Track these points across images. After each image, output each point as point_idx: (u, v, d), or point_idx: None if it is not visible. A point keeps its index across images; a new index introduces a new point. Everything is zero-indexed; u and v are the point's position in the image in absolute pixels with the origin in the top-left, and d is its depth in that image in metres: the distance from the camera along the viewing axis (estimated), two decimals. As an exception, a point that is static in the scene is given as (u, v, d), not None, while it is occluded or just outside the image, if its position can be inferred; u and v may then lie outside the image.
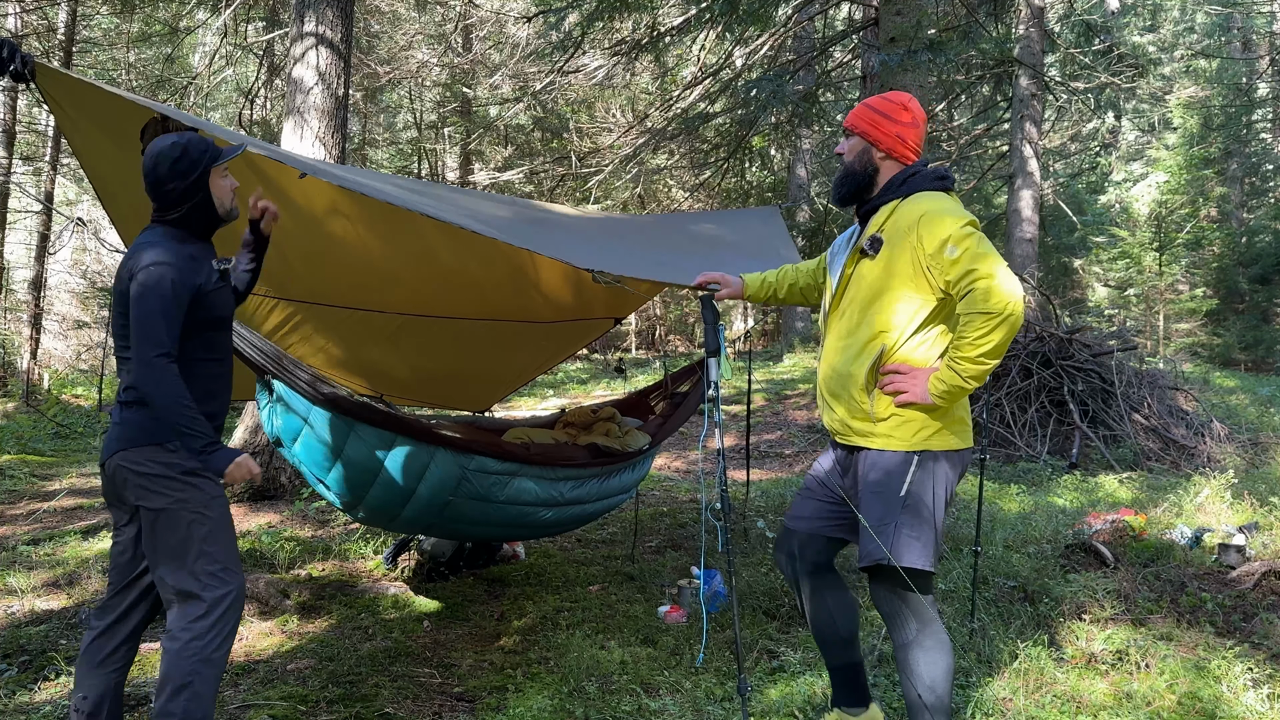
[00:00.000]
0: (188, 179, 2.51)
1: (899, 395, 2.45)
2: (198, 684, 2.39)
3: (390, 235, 4.44)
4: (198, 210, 2.57)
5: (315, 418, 3.49)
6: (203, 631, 2.42)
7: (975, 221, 2.42)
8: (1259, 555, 4.36)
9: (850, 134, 2.64)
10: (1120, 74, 13.23)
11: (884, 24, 6.74)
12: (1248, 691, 3.06)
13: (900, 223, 2.48)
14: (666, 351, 22.55)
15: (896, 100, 2.61)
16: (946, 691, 2.48)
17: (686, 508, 6.83)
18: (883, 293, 2.49)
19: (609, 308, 5.81)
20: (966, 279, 2.34)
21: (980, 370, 2.35)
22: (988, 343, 2.31)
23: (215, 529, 2.50)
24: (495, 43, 17.98)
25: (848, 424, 2.56)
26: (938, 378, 2.40)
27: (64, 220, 16.44)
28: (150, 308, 2.41)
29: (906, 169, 2.58)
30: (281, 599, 4.33)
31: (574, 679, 3.37)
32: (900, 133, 2.57)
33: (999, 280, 2.31)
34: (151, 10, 13.56)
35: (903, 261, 2.46)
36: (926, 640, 2.48)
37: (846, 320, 2.58)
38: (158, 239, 2.52)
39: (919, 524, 2.44)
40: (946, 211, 2.43)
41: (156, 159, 2.51)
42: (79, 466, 8.41)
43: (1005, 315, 2.29)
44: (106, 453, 2.53)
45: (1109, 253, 19.22)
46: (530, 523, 4.16)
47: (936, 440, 2.47)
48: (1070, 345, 9.27)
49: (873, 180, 2.60)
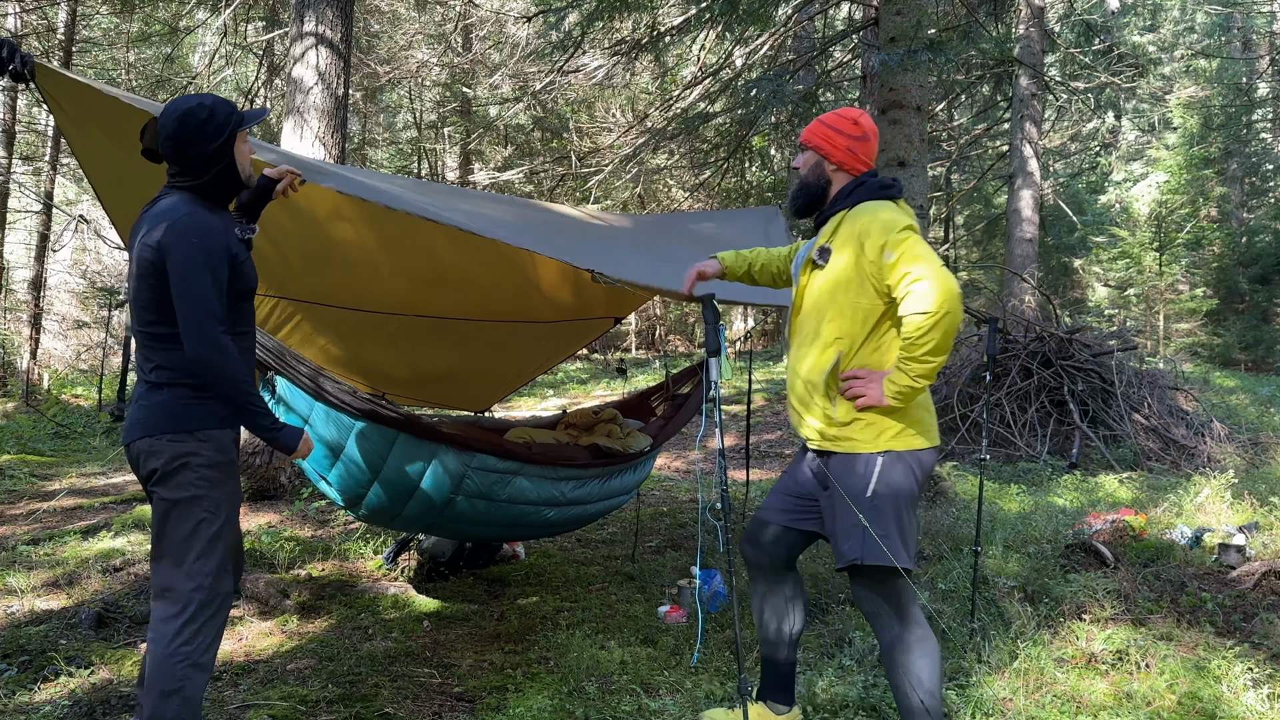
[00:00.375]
0: (216, 141, 2.39)
1: (858, 400, 2.55)
2: (188, 689, 2.33)
3: (390, 235, 4.44)
4: (223, 176, 2.44)
5: (317, 415, 3.50)
6: (191, 635, 2.34)
7: (913, 226, 2.53)
8: (1259, 555, 4.36)
9: (805, 148, 2.77)
10: (1120, 74, 13.23)
11: (884, 24, 6.73)
12: (1248, 691, 3.06)
13: (846, 232, 2.61)
14: (666, 351, 22.55)
15: (848, 116, 2.74)
16: (936, 686, 2.53)
17: (686, 508, 6.83)
18: (834, 301, 2.60)
19: (609, 308, 5.81)
20: (904, 281, 2.43)
21: (927, 369, 2.44)
22: (929, 341, 2.40)
23: (222, 529, 2.42)
24: (495, 42, 17.97)
25: (813, 428, 2.65)
26: (890, 380, 2.50)
27: (64, 220, 16.45)
28: (201, 281, 2.28)
29: (854, 180, 2.70)
30: (281, 599, 4.33)
31: (574, 679, 3.37)
32: (851, 146, 2.69)
33: (935, 280, 2.39)
34: (151, 10, 13.55)
35: (851, 269, 2.57)
36: (909, 638, 2.56)
37: (806, 329, 2.69)
38: (183, 206, 2.37)
39: (887, 523, 2.51)
40: (886, 218, 2.54)
41: (183, 119, 2.36)
42: (79, 466, 8.41)
43: (943, 314, 2.38)
44: (129, 436, 2.41)
45: (1109, 253, 19.21)
46: (531, 522, 4.16)
47: (900, 441, 2.55)
48: (1070, 345, 9.27)
49: (826, 192, 2.74)
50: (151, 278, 2.35)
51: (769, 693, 2.90)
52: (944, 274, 2.42)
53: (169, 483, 2.38)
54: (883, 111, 6.73)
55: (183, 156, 2.39)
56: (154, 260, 2.33)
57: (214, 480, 2.41)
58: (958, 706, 3.05)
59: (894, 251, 2.46)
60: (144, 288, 2.37)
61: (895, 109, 6.61)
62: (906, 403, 2.54)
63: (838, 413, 2.58)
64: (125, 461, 8.71)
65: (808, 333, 2.68)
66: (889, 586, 2.57)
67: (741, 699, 2.65)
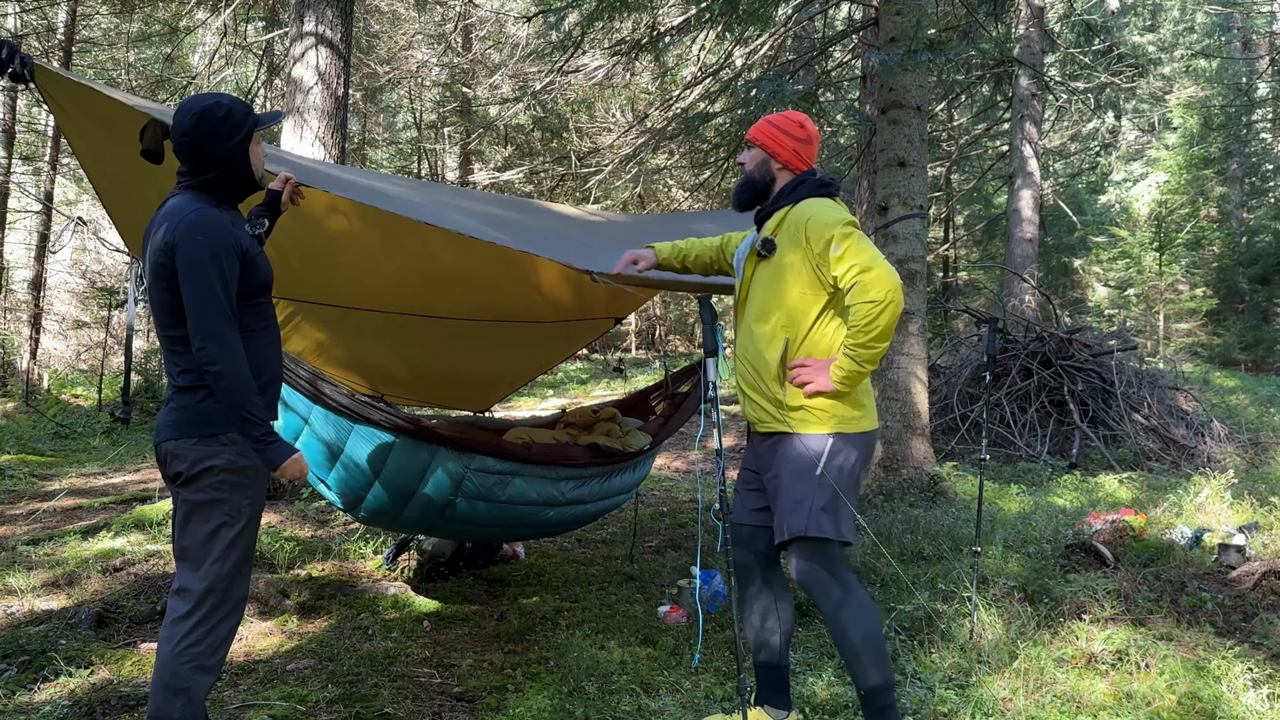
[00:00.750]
0: (232, 139, 2.37)
1: (806, 386, 2.70)
2: (194, 690, 2.34)
3: (390, 235, 4.44)
4: (236, 175, 2.42)
5: (316, 417, 3.49)
6: (200, 637, 2.35)
7: (855, 222, 2.71)
8: (1259, 555, 4.36)
9: (752, 145, 2.91)
10: (1120, 74, 13.23)
11: (884, 24, 6.73)
12: (1248, 691, 3.06)
13: (790, 226, 2.76)
14: (666, 351, 22.55)
15: (795, 119, 2.89)
16: (880, 639, 2.70)
17: (686, 508, 6.83)
18: (780, 291, 2.76)
19: (609, 308, 5.81)
20: (850, 273, 2.60)
21: (873, 354, 2.61)
22: (875, 328, 2.58)
23: (242, 535, 2.41)
24: (495, 43, 17.97)
25: (767, 411, 2.78)
26: (837, 366, 2.66)
27: (64, 220, 16.45)
28: (207, 276, 2.26)
29: (796, 177, 2.85)
30: (281, 599, 4.33)
31: (574, 679, 3.37)
32: (797, 147, 2.84)
33: (879, 271, 2.58)
34: (151, 10, 13.55)
35: (795, 261, 2.73)
36: (851, 602, 2.71)
37: (751, 317, 2.83)
38: (191, 204, 2.35)
39: (834, 500, 2.68)
40: (830, 214, 2.70)
41: (200, 116, 2.34)
42: (79, 466, 8.41)
43: (887, 302, 2.57)
44: (158, 437, 2.41)
45: (1109, 253, 19.22)
46: (531, 522, 4.16)
47: (847, 424, 2.72)
48: (1070, 345, 9.27)
49: (769, 188, 2.89)
50: (165, 280, 2.32)
51: (766, 696, 2.92)
52: (888, 266, 2.61)
53: (192, 485, 2.38)
54: (883, 111, 6.73)
55: (198, 153, 2.37)
56: (165, 263, 2.31)
57: (236, 484, 2.40)
58: (958, 706, 3.05)
59: (840, 245, 2.63)
60: (159, 291, 2.35)
61: (895, 109, 6.61)
62: (852, 387, 2.69)
63: (787, 398, 2.73)
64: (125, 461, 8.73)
65: (754, 320, 2.81)
66: (829, 558, 2.73)
67: (741, 699, 2.65)
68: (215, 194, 2.43)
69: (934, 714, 3.03)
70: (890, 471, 6.52)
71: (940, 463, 7.37)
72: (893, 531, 5.15)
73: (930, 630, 3.64)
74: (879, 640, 2.69)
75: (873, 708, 2.67)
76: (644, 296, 6.12)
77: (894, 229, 6.52)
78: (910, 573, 4.40)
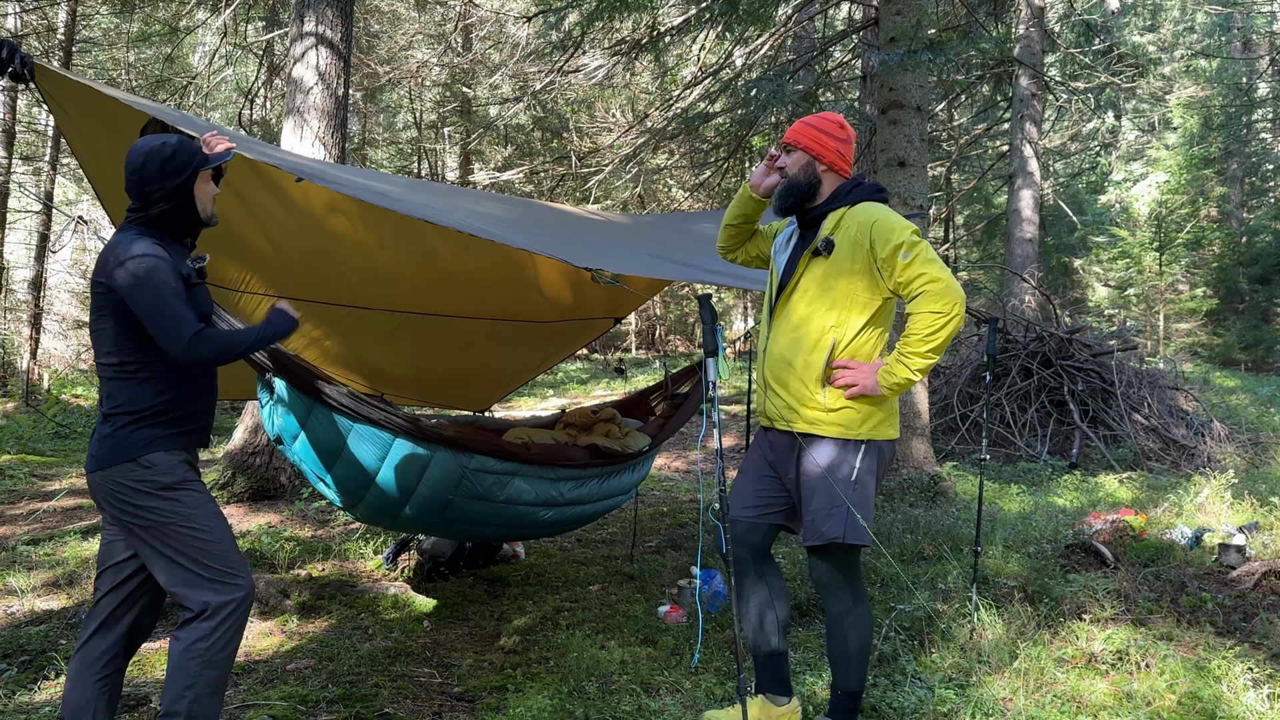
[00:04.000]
0: (176, 179, 2.47)
1: (851, 388, 2.68)
2: (201, 686, 2.38)
3: (390, 234, 4.44)
4: (179, 211, 2.52)
5: (315, 416, 3.49)
6: (207, 633, 2.39)
7: (919, 230, 2.71)
8: (1259, 555, 4.36)
9: (792, 149, 2.85)
10: (1120, 74, 13.23)
11: (884, 24, 6.73)
12: (1248, 691, 3.06)
13: (851, 227, 2.72)
14: (666, 351, 22.56)
15: (834, 119, 2.87)
16: (869, 651, 2.84)
17: (686, 508, 6.83)
18: (833, 290, 2.72)
19: (609, 308, 5.81)
20: (919, 281, 2.60)
21: (927, 364, 2.63)
22: (937, 339, 2.59)
23: (209, 537, 2.45)
24: (495, 42, 17.96)
25: (795, 410, 2.75)
26: (887, 370, 2.65)
27: (64, 220, 16.45)
28: (159, 294, 2.36)
29: (849, 180, 2.84)
30: (281, 599, 4.33)
31: (574, 679, 3.37)
32: (840, 148, 2.83)
33: (948, 284, 2.60)
34: (151, 10, 13.54)
35: (854, 263, 2.69)
36: (858, 612, 2.79)
37: (796, 313, 2.78)
38: (135, 238, 2.45)
39: (864, 505, 2.70)
40: (896, 221, 2.69)
41: (146, 156, 2.46)
42: (79, 466, 8.41)
43: (953, 315, 2.59)
44: (89, 466, 2.49)
45: (1109, 253, 19.22)
46: (530, 523, 4.16)
47: (879, 430, 2.73)
48: (1070, 345, 9.27)
49: (816, 191, 2.83)
50: (100, 309, 2.44)
51: (767, 685, 2.95)
52: (955, 280, 2.62)
53: (135, 513, 2.43)
54: (883, 111, 6.73)
55: (141, 191, 2.48)
56: (102, 293, 2.43)
57: (174, 498, 2.44)
58: (958, 706, 3.05)
59: (910, 253, 2.61)
60: (97, 318, 2.47)
61: (895, 109, 6.61)
62: (897, 394, 2.70)
63: (828, 399, 2.70)
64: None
65: (799, 317, 2.77)
66: (850, 565, 2.78)
67: (741, 699, 2.65)
68: (159, 227, 2.52)
69: (934, 714, 3.03)
70: (890, 471, 6.52)
71: (940, 463, 7.37)
72: (893, 531, 5.15)
73: (930, 630, 3.64)
74: (868, 652, 2.83)
75: (842, 709, 2.81)
76: (644, 297, 6.12)
77: (894, 229, 6.51)
78: (910, 573, 4.40)
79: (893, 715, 3.01)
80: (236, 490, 6.32)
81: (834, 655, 2.81)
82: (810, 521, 2.73)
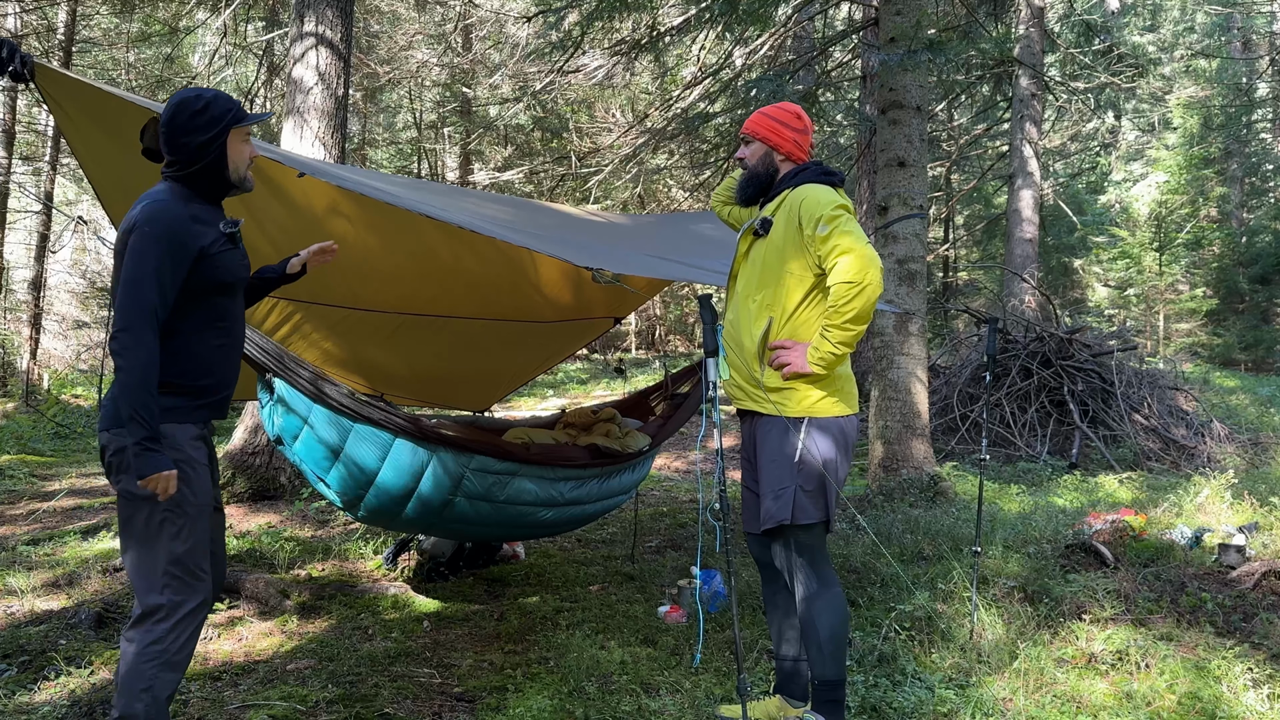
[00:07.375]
0: (206, 134, 2.37)
1: (784, 368, 2.72)
2: (158, 688, 2.31)
3: (390, 235, 4.44)
4: (210, 170, 2.41)
5: (316, 417, 3.49)
6: (163, 634, 2.31)
7: (848, 206, 2.72)
8: (1259, 555, 4.36)
9: (751, 140, 2.92)
10: (1120, 74, 13.23)
11: (884, 24, 6.73)
12: (1248, 691, 3.06)
13: (787, 207, 2.78)
14: (666, 351, 22.55)
15: (791, 109, 2.92)
16: (844, 637, 2.77)
17: (686, 508, 6.83)
18: (771, 269, 2.78)
19: (609, 308, 5.81)
20: (834, 253, 2.63)
21: (849, 336, 2.63)
22: (851, 310, 2.60)
23: (185, 528, 2.36)
24: (495, 43, 17.96)
25: (744, 389, 2.82)
26: (813, 347, 2.69)
27: (64, 220, 16.44)
28: (143, 265, 2.24)
29: (798, 166, 2.90)
30: (281, 599, 4.33)
31: (574, 679, 3.37)
32: (796, 138, 2.88)
33: (859, 253, 2.60)
34: (151, 10, 13.55)
35: (788, 242, 2.75)
36: (826, 594, 2.76)
37: (741, 295, 2.86)
38: (160, 194, 2.36)
39: (812, 483, 2.71)
40: (824, 196, 2.73)
41: (177, 107, 2.36)
42: (79, 466, 8.41)
43: (865, 284, 2.58)
44: (100, 425, 2.40)
45: (1109, 253, 19.22)
46: (530, 523, 4.16)
47: (822, 406, 2.74)
48: (1070, 345, 9.27)
49: (773, 180, 2.92)
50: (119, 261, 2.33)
51: (785, 688, 2.99)
52: (870, 250, 2.63)
53: (124, 477, 2.33)
54: (883, 111, 6.73)
55: (174, 144, 2.39)
56: (121, 252, 2.32)
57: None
58: (958, 706, 3.05)
59: (828, 225, 2.65)
60: (116, 278, 2.35)
61: (895, 109, 6.61)
62: (829, 369, 2.71)
63: (766, 379, 2.75)
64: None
65: (743, 297, 2.85)
66: (807, 546, 2.77)
67: (741, 699, 2.65)
68: (189, 186, 2.42)
69: (934, 714, 3.03)
70: (890, 471, 6.52)
71: (940, 463, 7.37)
72: (893, 531, 5.15)
73: (930, 630, 3.64)
74: (843, 637, 2.77)
75: (821, 699, 2.78)
76: (644, 296, 6.11)
77: (894, 229, 6.52)
78: (910, 573, 4.40)
79: (893, 715, 3.01)
80: (236, 490, 6.32)
81: (806, 642, 2.80)
82: (763, 506, 2.78)
